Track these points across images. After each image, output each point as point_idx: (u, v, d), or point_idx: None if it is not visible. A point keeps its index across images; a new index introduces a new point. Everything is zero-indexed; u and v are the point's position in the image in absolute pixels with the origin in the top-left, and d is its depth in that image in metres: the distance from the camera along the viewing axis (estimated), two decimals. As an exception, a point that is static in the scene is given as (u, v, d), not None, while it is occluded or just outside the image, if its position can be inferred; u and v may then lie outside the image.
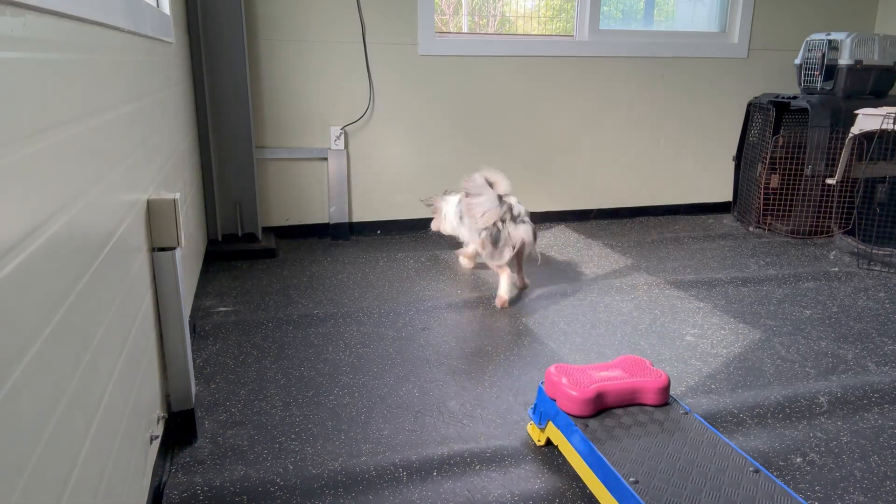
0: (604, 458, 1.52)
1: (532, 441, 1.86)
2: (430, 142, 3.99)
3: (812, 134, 3.79)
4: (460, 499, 1.63)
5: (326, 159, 3.83)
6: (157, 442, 1.65)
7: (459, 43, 3.93)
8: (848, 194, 3.73)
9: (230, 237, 3.63)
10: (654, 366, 1.90)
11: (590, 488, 1.60)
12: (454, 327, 2.64)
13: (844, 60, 3.80)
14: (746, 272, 3.35)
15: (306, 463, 1.76)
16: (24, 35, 0.90)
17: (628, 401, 1.76)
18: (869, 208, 3.52)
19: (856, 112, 3.55)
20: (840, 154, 3.64)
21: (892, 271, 3.35)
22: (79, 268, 1.08)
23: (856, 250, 3.53)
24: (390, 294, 3.01)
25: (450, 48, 3.89)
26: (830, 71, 3.85)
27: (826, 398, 2.11)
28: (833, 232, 3.84)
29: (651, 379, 1.77)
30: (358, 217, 3.98)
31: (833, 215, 3.85)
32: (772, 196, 4.03)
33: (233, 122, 3.49)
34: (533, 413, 1.87)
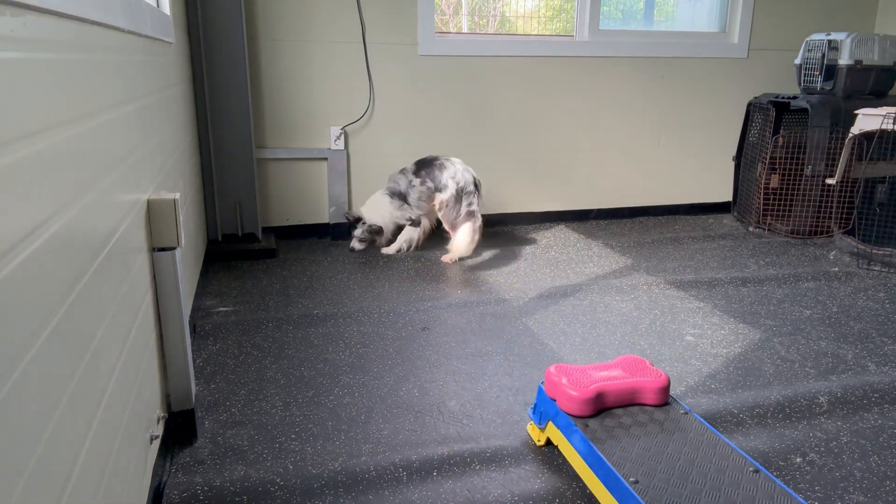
0: (604, 458, 1.52)
1: (532, 441, 1.86)
2: (430, 142, 3.99)
3: (812, 134, 3.79)
4: (460, 499, 1.63)
5: (326, 159, 3.83)
6: (157, 442, 1.65)
7: (459, 43, 3.93)
8: (848, 194, 3.73)
9: (230, 237, 3.64)
10: (654, 366, 1.90)
11: (590, 488, 1.60)
12: (454, 327, 2.64)
13: (844, 60, 3.80)
14: (746, 272, 3.35)
15: (306, 463, 1.76)
16: (24, 35, 0.90)
17: (628, 401, 1.76)
18: (869, 208, 3.52)
19: (856, 112, 3.55)
20: (840, 154, 3.64)
21: (892, 271, 3.36)
22: (79, 268, 1.08)
23: (856, 250, 3.53)
24: (390, 294, 3.01)
25: (450, 48, 3.89)
26: (830, 71, 3.85)
27: (826, 398, 2.11)
28: (833, 232, 3.84)
29: (651, 379, 1.77)
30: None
31: (833, 215, 3.85)
32: (772, 196, 4.03)
33: (233, 122, 3.49)
34: (533, 413, 1.87)
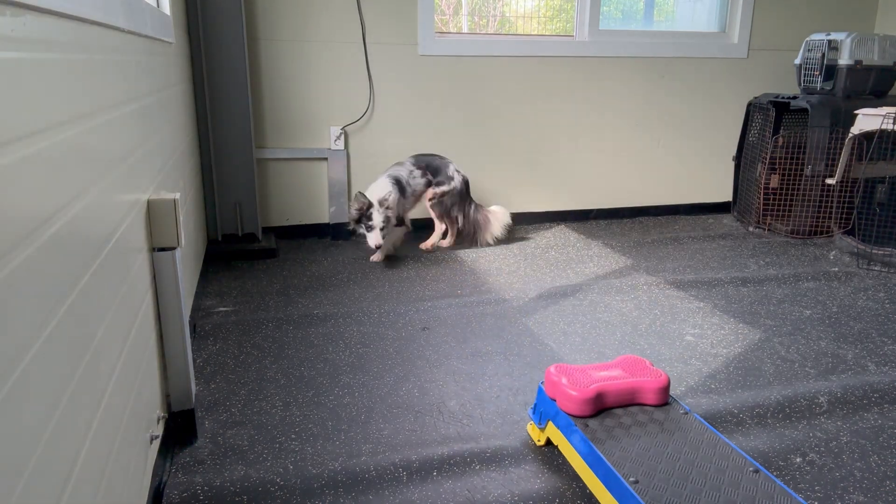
0: (604, 458, 1.52)
1: (532, 441, 1.86)
2: (430, 142, 3.99)
3: (812, 134, 3.79)
4: (460, 499, 1.63)
5: (326, 159, 3.83)
6: (157, 442, 1.65)
7: (459, 43, 3.93)
8: (848, 194, 3.73)
9: (230, 237, 3.64)
10: (654, 366, 1.90)
11: (590, 488, 1.60)
12: (454, 327, 2.64)
13: (844, 60, 3.80)
14: (746, 272, 3.35)
15: (306, 463, 1.76)
16: (24, 35, 0.90)
17: (628, 401, 1.76)
18: (869, 208, 3.52)
19: (856, 112, 3.55)
20: (840, 154, 3.64)
21: (892, 271, 3.36)
22: (79, 268, 1.08)
23: (856, 250, 3.53)
24: (390, 294, 3.01)
25: (450, 48, 3.89)
26: (830, 71, 3.85)
27: (826, 398, 2.11)
28: (833, 232, 3.84)
29: (651, 379, 1.77)
30: (358, 217, 3.98)
31: (833, 215, 3.85)
32: (772, 196, 4.03)
33: (233, 122, 3.49)
34: (533, 413, 1.87)
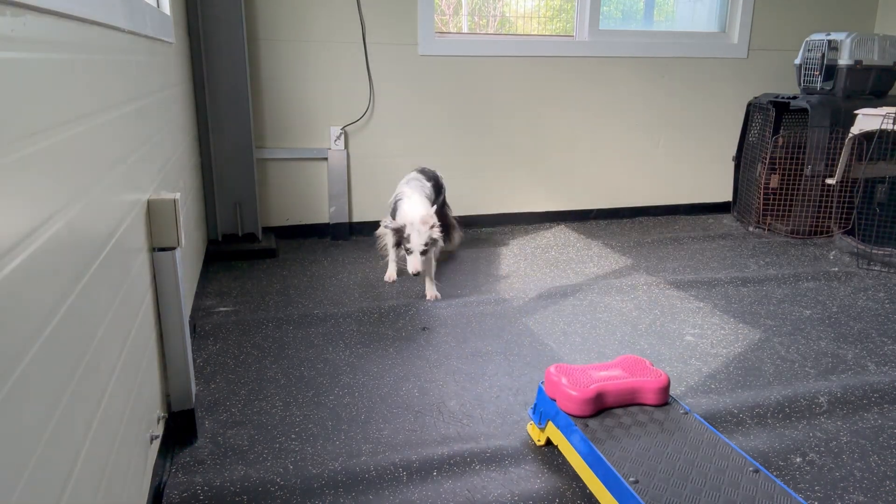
0: (603, 458, 1.52)
1: (532, 441, 1.86)
2: (430, 142, 3.99)
3: (812, 134, 3.79)
4: (460, 499, 1.63)
5: (326, 159, 3.83)
6: (158, 442, 1.65)
7: (459, 43, 3.93)
8: (848, 194, 3.73)
9: (230, 237, 3.63)
10: (654, 366, 1.90)
11: (590, 488, 1.60)
12: (454, 327, 2.64)
13: (844, 60, 3.80)
14: (746, 272, 3.35)
15: (306, 463, 1.76)
16: (24, 35, 0.90)
17: (628, 401, 1.76)
18: (869, 208, 3.52)
19: (856, 112, 3.55)
20: (840, 154, 3.64)
21: (892, 271, 3.35)
22: (79, 268, 1.08)
23: (855, 250, 3.53)
24: (390, 294, 3.01)
25: (450, 48, 3.89)
26: (830, 71, 3.85)
27: (826, 398, 2.11)
28: (833, 232, 3.84)
29: (651, 379, 1.77)
30: (358, 217, 3.98)
31: (833, 215, 3.85)
32: (772, 196, 4.03)
33: (233, 122, 3.49)
34: (533, 413, 1.87)
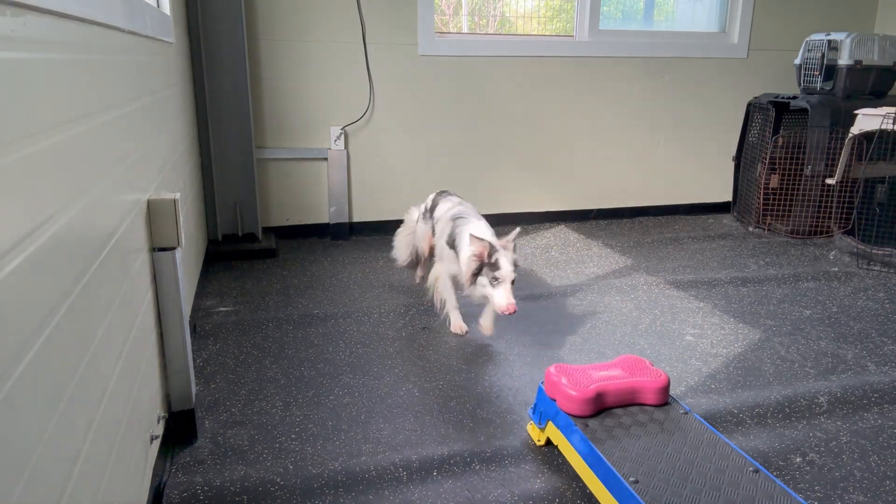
0: (603, 458, 1.52)
1: (532, 441, 1.86)
2: (430, 142, 3.99)
3: (812, 134, 3.79)
4: (460, 499, 1.63)
5: (326, 159, 3.83)
6: (158, 442, 1.65)
7: (459, 43, 3.93)
8: (848, 194, 3.73)
9: (230, 237, 3.63)
10: (654, 366, 1.90)
11: (590, 488, 1.60)
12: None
13: (844, 60, 3.80)
14: (746, 272, 3.35)
15: (306, 463, 1.76)
16: (24, 35, 0.90)
17: (628, 400, 1.76)
18: (869, 208, 3.52)
19: (855, 112, 3.55)
20: (840, 154, 3.64)
21: (892, 271, 3.35)
22: (79, 268, 1.08)
23: (855, 250, 3.53)
24: (390, 294, 3.01)
25: (450, 48, 3.89)
26: (830, 71, 3.85)
27: (826, 398, 2.11)
28: (833, 232, 3.84)
29: (651, 379, 1.77)
30: (358, 217, 3.98)
31: (833, 215, 3.85)
32: (771, 196, 4.03)
33: (233, 122, 3.49)
34: (533, 413, 1.87)
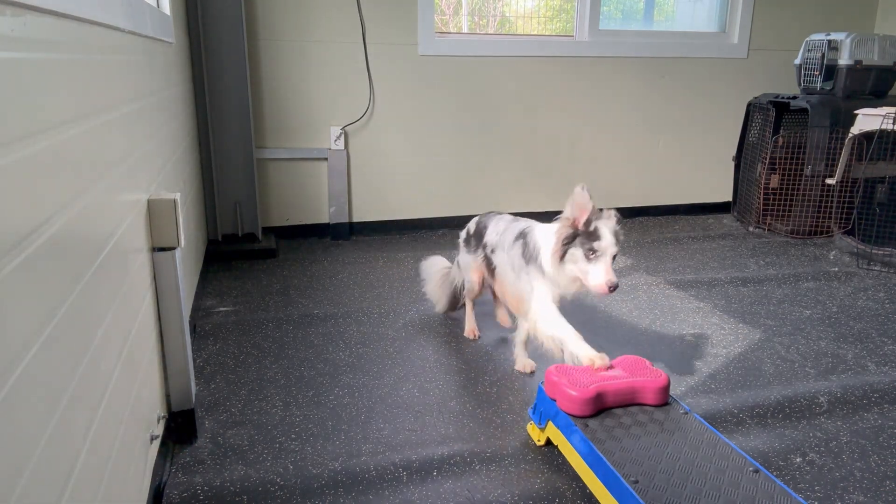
0: (604, 458, 1.52)
1: (532, 441, 1.86)
2: (430, 142, 3.99)
3: (812, 134, 3.79)
4: (460, 499, 1.63)
5: (326, 159, 3.83)
6: (158, 442, 1.65)
7: (459, 43, 3.93)
8: (848, 194, 3.73)
9: (230, 237, 3.63)
10: (654, 366, 1.90)
11: (590, 488, 1.60)
12: (454, 327, 2.64)
13: (844, 60, 3.80)
14: (746, 272, 3.35)
15: (306, 463, 1.76)
16: (24, 35, 0.90)
17: (628, 401, 1.76)
18: (869, 208, 3.52)
19: (856, 112, 3.55)
20: (840, 154, 3.64)
21: (892, 271, 3.35)
22: (79, 268, 1.08)
23: (856, 250, 3.53)
24: (390, 294, 3.01)
25: (450, 48, 3.89)
26: (830, 71, 3.85)
27: (826, 398, 2.11)
28: (833, 232, 3.84)
29: (651, 379, 1.77)
30: (358, 217, 3.98)
31: (833, 215, 3.85)
32: (772, 196, 4.03)
33: (233, 122, 3.49)
34: (533, 413, 1.87)
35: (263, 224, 3.79)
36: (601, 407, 1.72)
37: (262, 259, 3.50)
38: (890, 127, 3.31)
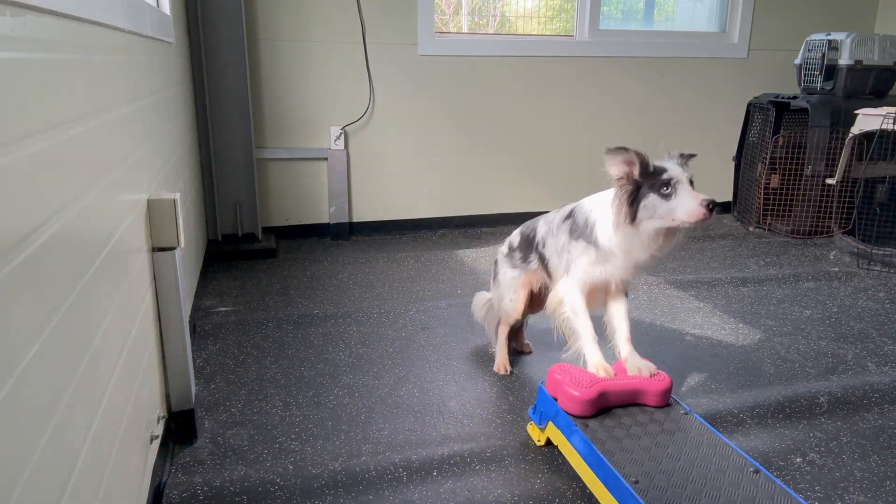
0: (604, 459, 1.52)
1: (532, 441, 1.86)
2: (430, 142, 3.99)
3: (812, 134, 3.79)
4: (460, 499, 1.62)
5: (326, 159, 3.83)
6: (158, 442, 1.65)
7: (459, 43, 3.93)
8: (848, 194, 3.73)
9: (230, 237, 3.63)
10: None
11: (590, 488, 1.60)
12: (454, 327, 2.64)
13: (844, 60, 3.80)
14: (746, 272, 3.35)
15: (306, 463, 1.76)
16: (24, 35, 0.90)
17: (629, 402, 1.76)
18: (869, 208, 3.52)
19: (856, 112, 3.54)
20: (840, 154, 3.64)
21: (892, 271, 3.35)
22: (79, 268, 1.08)
23: (856, 250, 3.53)
24: (390, 294, 3.01)
25: (450, 48, 3.89)
26: (830, 71, 3.85)
27: (826, 398, 2.11)
28: (833, 232, 3.84)
29: (653, 381, 1.77)
30: (358, 217, 3.98)
31: (833, 215, 3.85)
32: (772, 196, 4.03)
33: (233, 122, 3.49)
34: (533, 413, 1.87)
35: (263, 224, 3.79)
36: (602, 407, 1.72)
37: (262, 259, 3.50)
38: (890, 127, 3.31)
